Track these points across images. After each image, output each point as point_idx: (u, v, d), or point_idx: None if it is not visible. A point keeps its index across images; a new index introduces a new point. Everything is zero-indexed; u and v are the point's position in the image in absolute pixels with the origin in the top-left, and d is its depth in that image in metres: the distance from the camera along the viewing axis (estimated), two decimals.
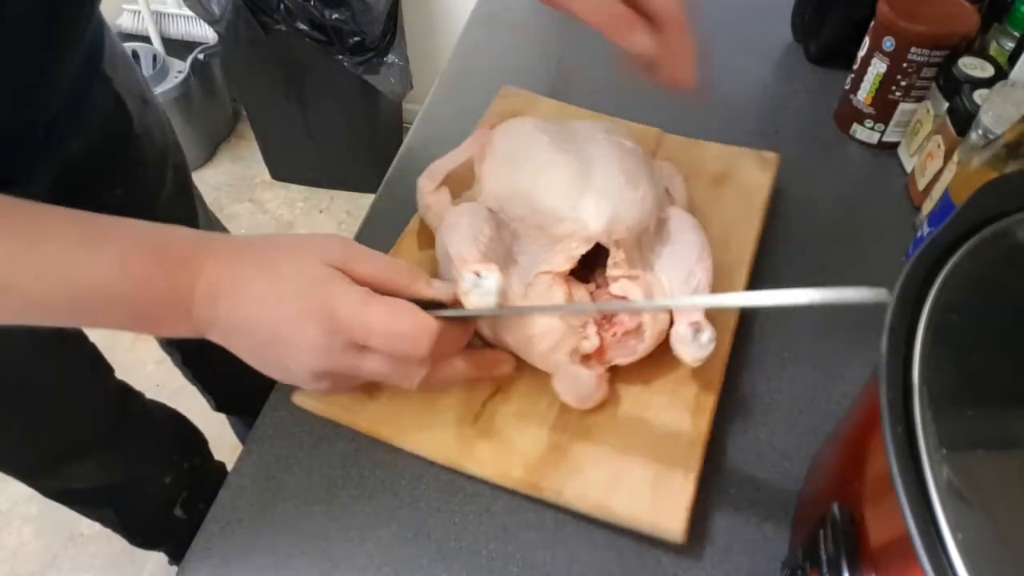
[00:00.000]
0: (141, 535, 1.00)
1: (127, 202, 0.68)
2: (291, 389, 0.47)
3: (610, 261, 0.47)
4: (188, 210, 0.82)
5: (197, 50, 1.82)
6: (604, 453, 0.44)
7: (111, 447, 0.83)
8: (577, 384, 0.45)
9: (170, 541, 1.03)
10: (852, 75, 0.67)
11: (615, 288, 0.47)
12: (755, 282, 0.56)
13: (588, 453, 0.45)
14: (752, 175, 0.61)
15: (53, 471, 0.80)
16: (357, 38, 1.56)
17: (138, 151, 0.71)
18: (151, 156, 0.73)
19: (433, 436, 0.46)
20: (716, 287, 0.50)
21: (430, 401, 0.47)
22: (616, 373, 0.48)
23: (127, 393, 0.85)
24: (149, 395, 0.89)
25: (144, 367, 1.44)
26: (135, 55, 1.75)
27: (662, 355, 0.48)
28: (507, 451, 0.45)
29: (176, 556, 1.09)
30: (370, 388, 0.47)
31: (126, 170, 0.70)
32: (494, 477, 0.44)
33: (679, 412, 0.46)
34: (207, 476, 1.00)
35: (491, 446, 0.45)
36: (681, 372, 0.48)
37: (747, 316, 0.53)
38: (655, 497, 0.42)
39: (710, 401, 0.47)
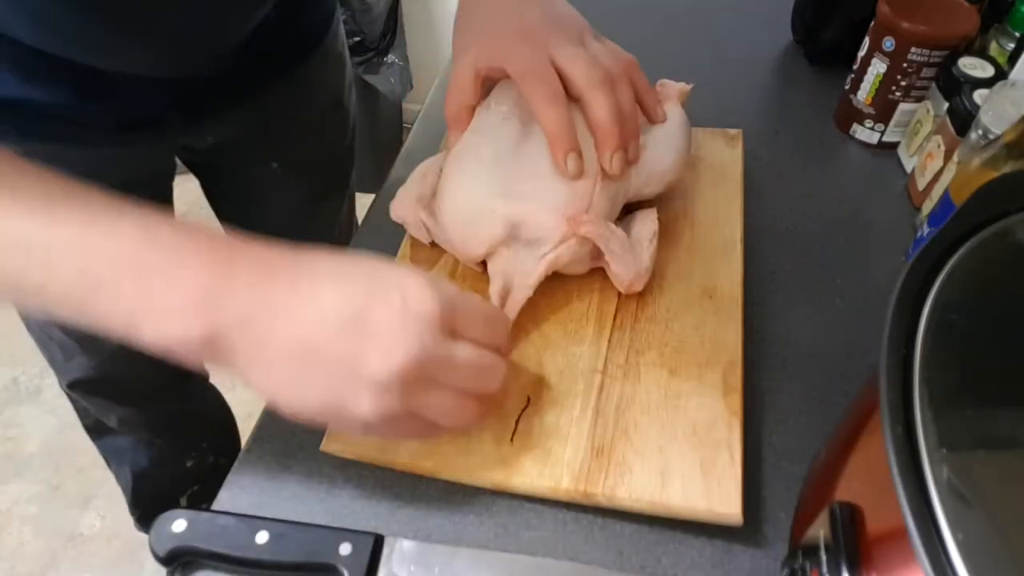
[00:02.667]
0: (141, 507, 1.01)
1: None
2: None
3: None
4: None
5: None
6: (647, 449, 0.44)
7: (157, 402, 0.85)
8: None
9: None
10: (852, 75, 0.67)
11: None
12: (753, 283, 0.56)
13: (632, 452, 0.44)
14: (722, 153, 0.63)
15: (94, 388, 0.82)
16: (357, 38, 1.56)
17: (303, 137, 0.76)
18: (318, 152, 0.79)
19: (475, 462, 0.44)
20: (713, 266, 0.54)
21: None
22: (641, 367, 0.48)
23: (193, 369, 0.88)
24: None
25: None
26: None
27: (683, 342, 0.49)
28: (551, 463, 0.44)
29: None
30: None
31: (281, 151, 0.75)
32: (545, 492, 0.43)
33: (710, 394, 0.46)
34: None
35: (534, 461, 0.44)
36: (704, 356, 0.48)
37: (748, 317, 0.53)
38: (707, 483, 0.42)
39: (737, 378, 0.47)
